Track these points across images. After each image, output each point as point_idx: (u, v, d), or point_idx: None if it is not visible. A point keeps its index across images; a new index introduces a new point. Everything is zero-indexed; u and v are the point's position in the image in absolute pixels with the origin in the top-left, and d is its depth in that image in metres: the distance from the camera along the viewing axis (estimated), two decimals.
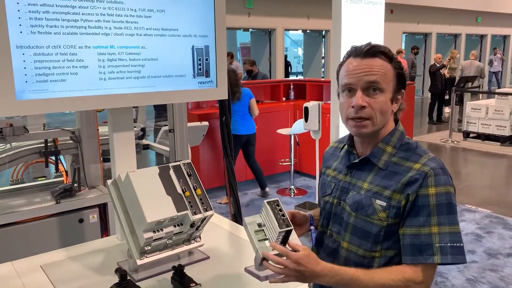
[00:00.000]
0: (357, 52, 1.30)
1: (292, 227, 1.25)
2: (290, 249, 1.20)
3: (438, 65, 10.70)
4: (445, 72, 10.93)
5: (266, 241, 1.25)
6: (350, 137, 1.42)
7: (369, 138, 1.33)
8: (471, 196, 5.56)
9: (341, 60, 1.37)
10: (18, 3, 1.55)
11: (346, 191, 1.37)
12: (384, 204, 1.25)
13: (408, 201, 1.23)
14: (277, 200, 1.29)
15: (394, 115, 1.35)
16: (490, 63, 17.30)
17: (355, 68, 1.28)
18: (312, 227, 1.49)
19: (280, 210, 1.26)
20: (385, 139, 1.32)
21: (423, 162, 1.25)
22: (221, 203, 5.31)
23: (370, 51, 1.28)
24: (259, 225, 1.29)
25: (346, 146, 1.44)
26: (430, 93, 11.27)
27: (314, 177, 4.99)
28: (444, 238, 1.20)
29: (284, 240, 1.23)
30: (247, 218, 1.32)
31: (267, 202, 1.27)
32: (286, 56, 14.12)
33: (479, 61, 13.62)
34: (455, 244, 1.20)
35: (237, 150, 5.11)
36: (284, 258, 1.17)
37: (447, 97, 11.08)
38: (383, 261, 1.29)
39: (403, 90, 1.32)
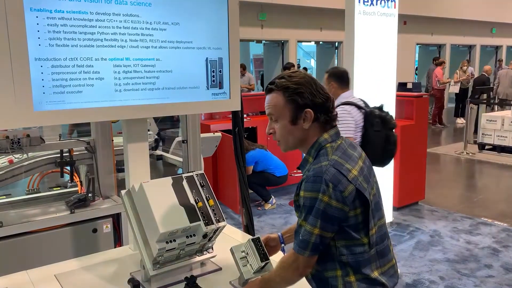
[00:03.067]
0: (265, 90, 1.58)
1: (269, 260, 1.63)
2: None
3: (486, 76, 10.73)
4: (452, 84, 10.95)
5: (248, 265, 1.62)
6: None
7: (300, 150, 1.58)
8: (487, 209, 5.46)
9: None
10: (37, 17, 1.59)
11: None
12: (294, 206, 1.53)
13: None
14: (259, 237, 1.68)
15: (323, 126, 1.52)
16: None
17: (265, 103, 1.56)
18: (282, 245, 1.78)
19: (261, 246, 1.64)
20: (308, 152, 1.55)
21: (309, 169, 1.46)
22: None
23: (266, 89, 1.55)
24: (243, 252, 1.63)
25: None
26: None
27: None
28: (305, 233, 1.43)
29: (263, 266, 1.63)
30: (234, 247, 1.65)
31: (252, 239, 1.64)
32: (299, 66, 14.14)
33: (495, 72, 13.51)
34: (303, 238, 1.44)
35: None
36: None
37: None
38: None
39: (307, 109, 1.48)
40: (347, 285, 1.47)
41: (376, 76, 4.31)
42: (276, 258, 1.79)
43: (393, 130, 3.25)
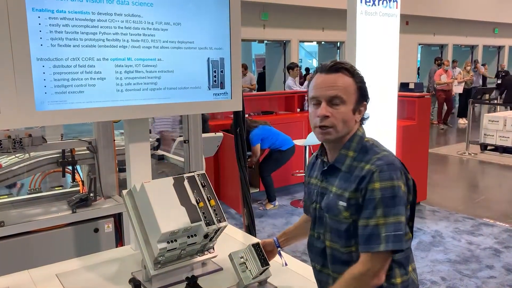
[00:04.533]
0: (322, 69, 1.44)
1: (269, 265, 1.62)
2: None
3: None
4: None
5: (247, 271, 1.60)
6: (322, 146, 1.54)
7: (334, 145, 1.46)
8: (489, 210, 5.45)
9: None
10: (39, 17, 1.60)
11: (322, 196, 1.49)
12: (345, 204, 1.39)
13: (361, 196, 1.36)
14: (259, 242, 1.67)
15: (360, 124, 1.48)
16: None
17: (320, 82, 1.42)
18: (279, 249, 1.75)
19: (261, 251, 1.62)
20: (346, 145, 1.44)
21: (372, 162, 1.37)
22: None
23: (333, 67, 1.42)
24: (242, 258, 1.62)
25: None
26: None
27: None
28: (389, 228, 1.32)
29: (263, 272, 1.62)
30: (232, 253, 1.64)
31: (252, 244, 1.64)
32: (301, 67, 14.13)
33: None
34: (397, 233, 1.32)
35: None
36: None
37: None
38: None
39: (365, 102, 1.45)
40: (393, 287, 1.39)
41: (378, 76, 4.30)
42: (274, 261, 1.79)
43: None
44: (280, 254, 1.76)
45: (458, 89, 12.18)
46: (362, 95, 1.44)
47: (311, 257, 1.56)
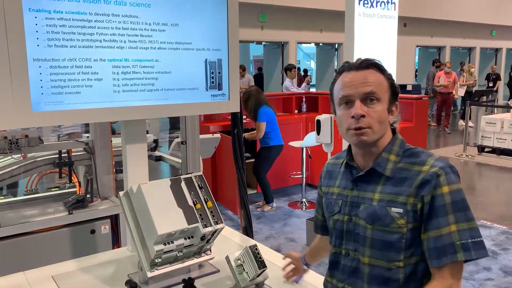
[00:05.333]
0: (350, 67, 1.34)
1: (267, 267, 1.59)
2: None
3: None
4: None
5: (244, 273, 1.60)
6: (349, 151, 1.41)
7: (370, 148, 1.33)
8: (487, 212, 5.46)
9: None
10: (36, 17, 1.59)
11: (357, 206, 1.35)
12: (401, 210, 1.25)
13: (424, 203, 1.23)
14: (256, 244, 1.65)
15: (391, 126, 1.37)
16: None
17: (350, 80, 1.30)
18: (305, 266, 1.69)
19: (258, 253, 1.60)
20: (387, 149, 1.33)
21: (431, 163, 1.26)
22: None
23: (363, 64, 1.32)
24: (239, 260, 1.61)
25: (345, 161, 1.43)
26: None
27: None
28: (464, 234, 1.20)
29: (260, 274, 1.61)
30: (230, 255, 1.63)
31: (249, 246, 1.62)
32: (299, 68, 14.14)
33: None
34: (475, 240, 1.20)
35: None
36: None
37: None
38: (409, 270, 1.27)
39: (396, 102, 1.35)
40: None
41: None
42: (271, 262, 1.78)
43: None
44: (303, 272, 1.70)
45: (460, 92, 12.13)
46: (394, 94, 1.34)
47: (337, 277, 1.40)
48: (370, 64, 1.31)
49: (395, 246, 1.26)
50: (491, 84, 13.99)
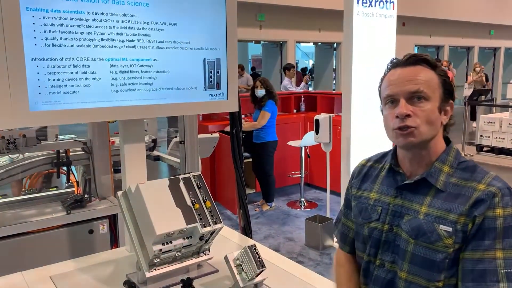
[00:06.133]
0: (397, 63, 1.27)
1: (265, 267, 1.55)
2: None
3: None
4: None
5: (243, 273, 1.59)
6: (394, 155, 1.32)
7: (420, 151, 1.24)
8: None
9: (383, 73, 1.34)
10: (33, 16, 1.58)
11: (400, 216, 1.25)
12: (450, 229, 1.16)
13: (474, 223, 1.14)
14: (255, 244, 1.63)
15: (444, 131, 1.27)
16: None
17: (396, 78, 1.24)
18: None
19: (257, 253, 1.59)
20: (441, 158, 1.23)
21: (487, 182, 1.17)
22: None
23: (411, 59, 1.25)
24: (238, 260, 1.60)
25: (388, 165, 1.33)
26: None
27: (325, 190, 4.95)
28: (510, 263, 1.12)
29: (259, 274, 1.60)
30: (228, 254, 1.61)
31: (248, 246, 1.60)
32: (297, 67, 14.14)
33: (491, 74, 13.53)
34: None
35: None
36: None
37: None
38: None
39: (451, 101, 1.25)
40: None
41: (374, 77, 4.29)
42: (269, 262, 1.78)
43: None
44: None
45: (467, 92, 12.07)
46: (448, 92, 1.23)
47: (367, 287, 1.33)
48: (418, 60, 1.24)
49: (438, 266, 1.18)
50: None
